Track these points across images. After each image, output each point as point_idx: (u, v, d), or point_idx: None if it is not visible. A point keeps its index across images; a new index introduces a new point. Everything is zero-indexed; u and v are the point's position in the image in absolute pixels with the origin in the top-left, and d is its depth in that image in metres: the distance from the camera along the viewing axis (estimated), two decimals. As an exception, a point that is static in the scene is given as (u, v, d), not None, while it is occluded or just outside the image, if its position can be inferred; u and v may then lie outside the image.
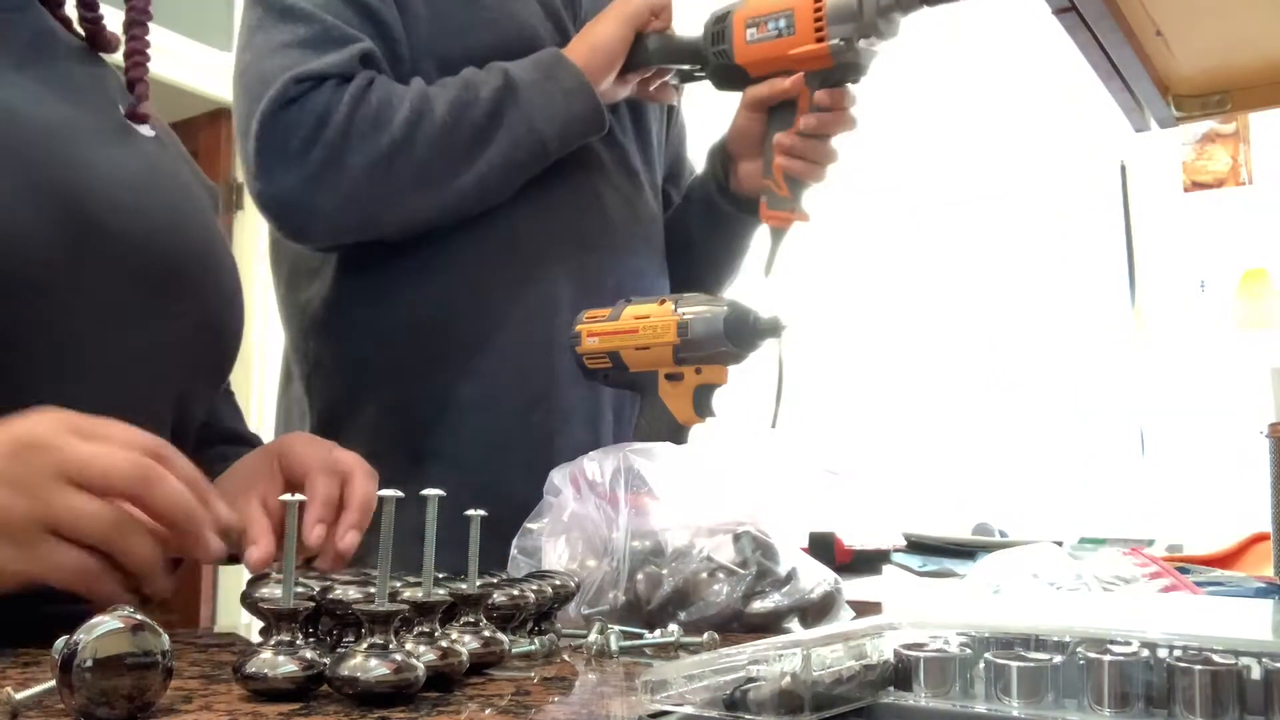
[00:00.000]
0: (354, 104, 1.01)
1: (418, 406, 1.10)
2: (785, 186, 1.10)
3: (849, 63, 1.04)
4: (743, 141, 1.17)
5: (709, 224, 1.25)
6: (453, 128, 1.04)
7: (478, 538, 0.58)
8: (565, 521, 0.79)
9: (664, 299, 1.04)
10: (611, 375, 1.06)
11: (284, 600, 0.50)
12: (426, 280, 1.10)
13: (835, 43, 1.03)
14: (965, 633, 0.46)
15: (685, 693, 0.42)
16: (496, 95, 1.05)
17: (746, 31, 1.08)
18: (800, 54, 1.05)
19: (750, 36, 1.07)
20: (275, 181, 1.01)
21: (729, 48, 1.09)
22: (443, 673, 0.50)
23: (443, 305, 1.10)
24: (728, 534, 0.77)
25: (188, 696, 0.49)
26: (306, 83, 1.00)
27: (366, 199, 1.03)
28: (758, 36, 1.07)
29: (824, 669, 0.42)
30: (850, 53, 1.03)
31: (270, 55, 1.02)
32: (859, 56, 1.04)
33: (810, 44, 1.04)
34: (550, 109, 1.07)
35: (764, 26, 1.06)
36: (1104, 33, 1.03)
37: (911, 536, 1.36)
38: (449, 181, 1.05)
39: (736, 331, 1.00)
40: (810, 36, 1.04)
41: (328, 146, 1.00)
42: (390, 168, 1.02)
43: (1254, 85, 1.19)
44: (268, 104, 1.00)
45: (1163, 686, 0.41)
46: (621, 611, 0.74)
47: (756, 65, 1.09)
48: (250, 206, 4.49)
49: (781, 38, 1.06)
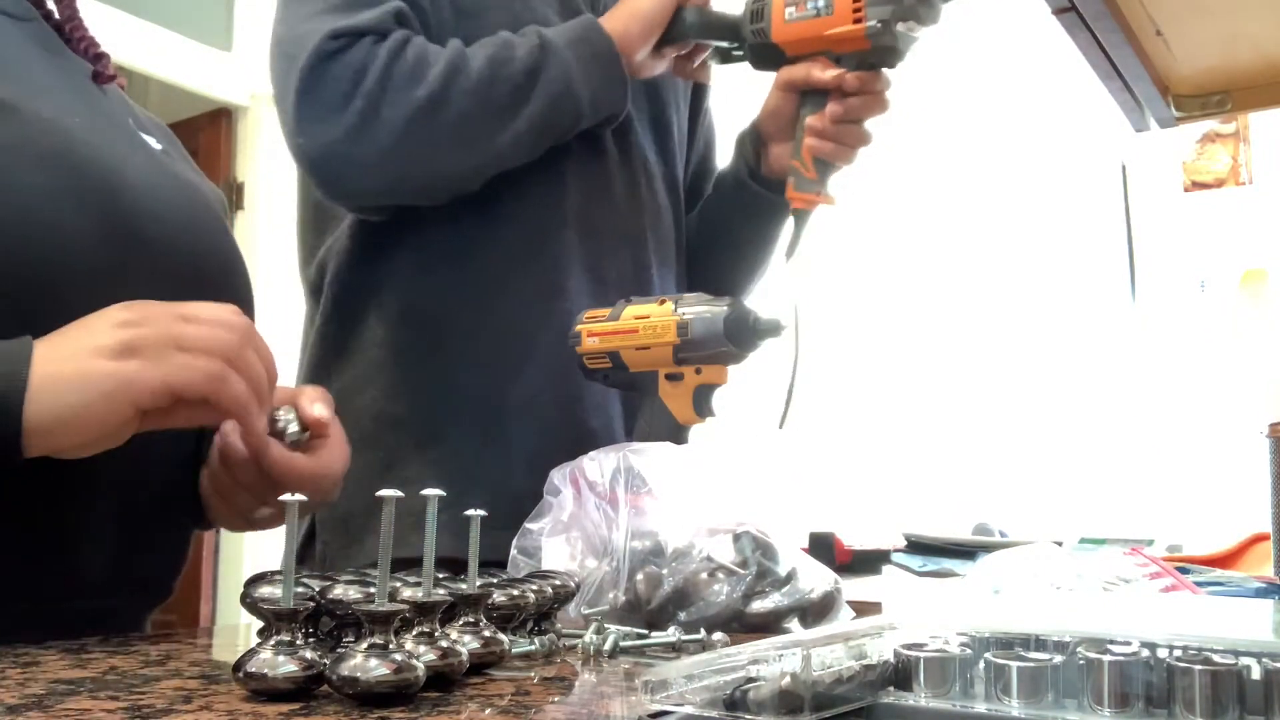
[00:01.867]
0: (391, 58, 1.01)
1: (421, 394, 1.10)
2: (813, 168, 1.09)
3: (885, 46, 1.03)
4: (774, 123, 1.16)
5: (739, 209, 1.24)
6: (490, 83, 1.03)
7: (478, 538, 0.58)
8: (565, 521, 0.79)
9: (664, 299, 1.04)
10: (611, 375, 1.06)
11: (284, 600, 0.50)
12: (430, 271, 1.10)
13: (873, 24, 1.02)
14: (965, 633, 0.46)
15: (685, 693, 0.42)
16: (533, 54, 1.05)
17: (785, 10, 1.07)
18: (837, 34, 1.04)
19: (789, 15, 1.07)
20: (315, 136, 1.01)
21: (767, 25, 1.08)
22: (443, 673, 0.50)
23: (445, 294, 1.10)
24: (728, 534, 0.77)
25: (188, 696, 0.49)
26: (343, 38, 1.01)
27: (405, 153, 1.02)
28: (796, 15, 1.06)
29: (824, 669, 0.42)
30: (887, 35, 1.02)
31: (305, 21, 1.03)
32: (896, 40, 1.03)
33: (848, 25, 1.03)
34: (585, 73, 1.07)
35: (802, 5, 1.05)
36: (1104, 33, 1.03)
37: (911, 536, 1.36)
38: (487, 138, 1.05)
39: (736, 331, 1.00)
40: (848, 17, 1.03)
41: (366, 98, 1.00)
42: (428, 121, 1.02)
43: (1254, 85, 1.19)
44: (306, 61, 1.00)
45: (1163, 686, 0.41)
46: (621, 611, 0.74)
47: (793, 45, 1.08)
48: (250, 206, 4.51)
49: (819, 17, 1.05)
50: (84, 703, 0.47)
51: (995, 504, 3.19)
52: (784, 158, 1.15)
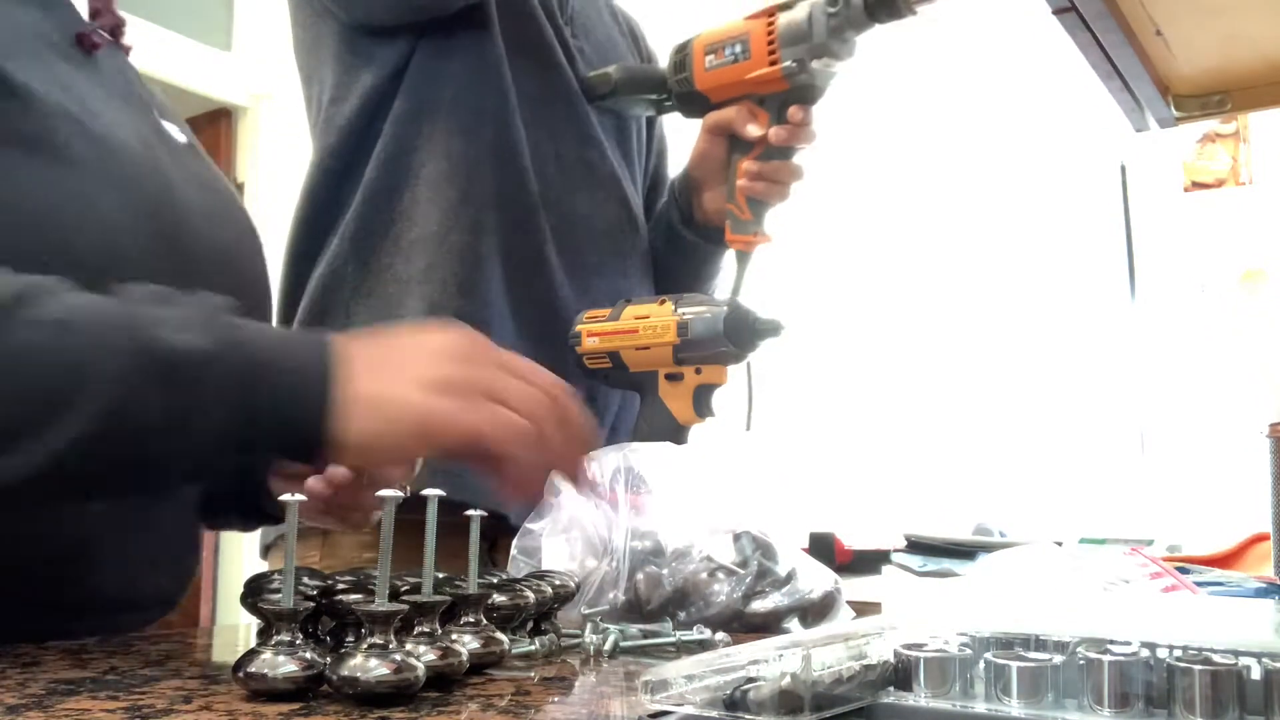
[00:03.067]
0: None
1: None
2: (748, 209, 1.11)
3: (804, 84, 1.05)
4: (705, 167, 1.18)
5: (673, 251, 1.26)
6: None
7: (478, 538, 0.58)
8: (565, 521, 0.79)
9: (664, 299, 1.04)
10: (611, 375, 1.07)
11: (284, 600, 0.50)
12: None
13: (788, 64, 1.04)
14: (965, 633, 0.46)
15: (685, 693, 0.42)
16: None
17: (706, 58, 1.10)
18: (755, 78, 1.07)
19: (709, 63, 1.10)
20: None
21: (690, 75, 1.11)
22: (443, 673, 0.50)
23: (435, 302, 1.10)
24: (728, 534, 0.77)
25: (188, 697, 0.49)
26: None
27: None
28: (716, 63, 1.09)
29: (824, 669, 0.42)
30: (804, 74, 1.04)
31: None
32: (814, 78, 1.05)
33: (764, 67, 1.06)
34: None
35: (721, 52, 1.09)
36: (1104, 33, 1.03)
37: (911, 536, 1.36)
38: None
39: (736, 331, 1.00)
40: (764, 60, 1.06)
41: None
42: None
43: (1254, 85, 1.20)
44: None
45: (1163, 686, 0.41)
46: (621, 611, 0.74)
47: (716, 90, 1.11)
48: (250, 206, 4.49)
49: (738, 62, 1.08)
50: (84, 703, 0.47)
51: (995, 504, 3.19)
52: (717, 201, 1.17)
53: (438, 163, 1.10)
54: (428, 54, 1.11)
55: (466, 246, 1.09)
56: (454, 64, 1.12)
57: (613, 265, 1.19)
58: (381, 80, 1.11)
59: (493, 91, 1.12)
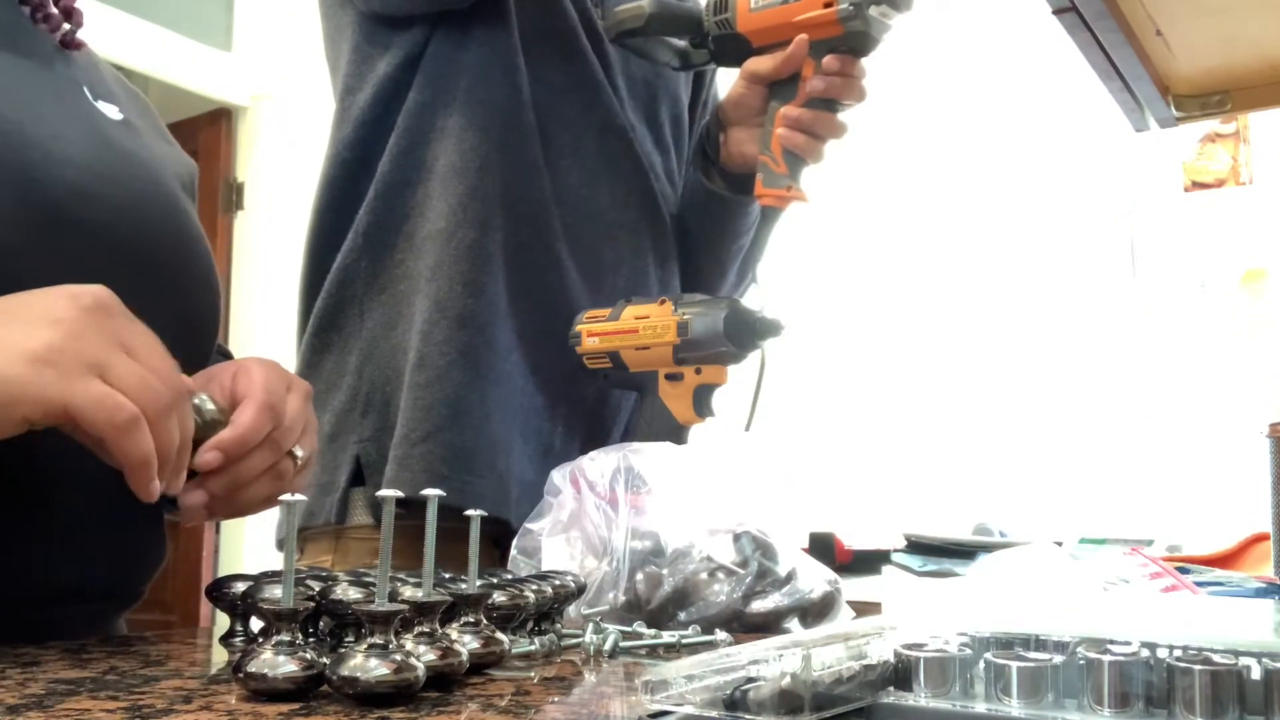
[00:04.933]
0: None
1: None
2: (783, 162, 1.03)
3: (858, 31, 0.98)
4: (737, 111, 1.11)
5: (697, 211, 1.20)
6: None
7: (478, 538, 0.58)
8: (565, 521, 0.79)
9: (664, 299, 1.04)
10: (611, 375, 1.07)
11: (284, 600, 0.50)
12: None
13: (845, 7, 0.97)
14: (965, 633, 0.46)
15: (685, 693, 0.42)
16: None
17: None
18: (807, 19, 0.99)
19: (754, 3, 1.02)
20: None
21: (732, 15, 1.04)
22: (443, 673, 0.50)
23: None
24: (728, 534, 0.77)
25: (188, 697, 0.49)
26: None
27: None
28: (762, 3, 1.01)
29: (824, 669, 0.42)
30: (859, 20, 0.97)
31: None
32: (869, 25, 0.98)
33: (818, 9, 0.99)
34: None
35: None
36: (1104, 33, 1.03)
37: (911, 536, 1.36)
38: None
39: (736, 331, 1.00)
40: (818, 1, 0.99)
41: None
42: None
43: (1254, 85, 1.19)
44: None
45: (1163, 686, 0.41)
46: (621, 611, 0.74)
47: (760, 34, 1.03)
48: (250, 206, 4.49)
49: (787, 4, 1.00)
50: (84, 703, 0.47)
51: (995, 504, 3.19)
52: (745, 143, 1.11)
53: (450, 157, 1.07)
54: (443, 43, 1.09)
55: (474, 243, 1.06)
56: (469, 54, 1.08)
57: (631, 262, 1.15)
58: (396, 69, 1.09)
59: (505, 85, 1.08)
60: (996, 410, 3.72)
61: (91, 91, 0.81)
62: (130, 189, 0.75)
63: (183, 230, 0.79)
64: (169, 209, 0.79)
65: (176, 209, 0.80)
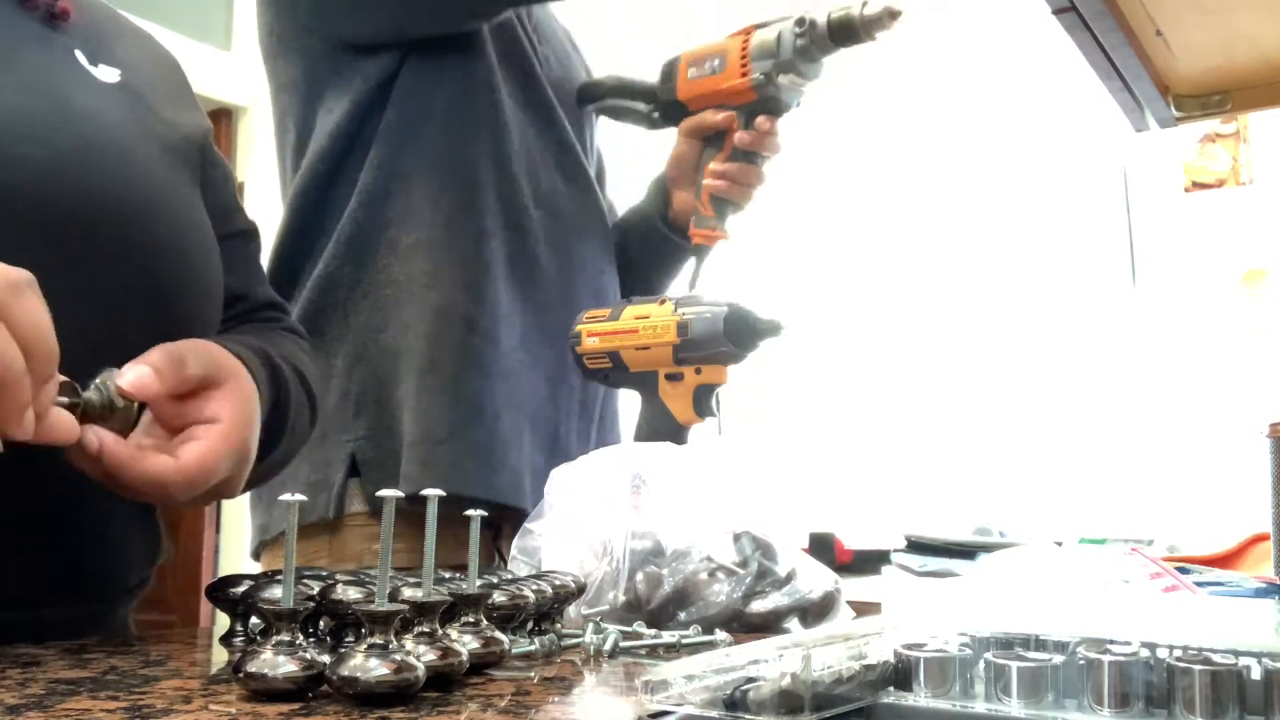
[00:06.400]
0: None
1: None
2: (710, 207, 1.22)
3: (770, 96, 1.17)
4: (679, 168, 1.28)
5: (649, 248, 1.34)
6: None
7: (478, 538, 0.58)
8: (565, 521, 0.79)
9: (664, 299, 1.04)
10: (611, 375, 1.07)
11: (284, 600, 0.50)
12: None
13: (757, 77, 1.16)
14: (965, 633, 0.46)
15: (685, 693, 0.42)
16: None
17: (689, 70, 1.23)
18: (728, 88, 1.19)
19: (691, 74, 1.22)
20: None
21: (674, 85, 1.23)
22: (443, 673, 0.50)
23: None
24: (728, 534, 0.77)
25: (187, 697, 0.49)
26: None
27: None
28: (696, 74, 1.22)
29: (824, 669, 0.42)
30: (771, 87, 1.16)
31: None
32: (780, 91, 1.16)
33: (736, 79, 1.18)
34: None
35: (702, 65, 1.22)
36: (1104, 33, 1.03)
37: (911, 536, 1.36)
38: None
39: (736, 331, 1.00)
40: (737, 73, 1.18)
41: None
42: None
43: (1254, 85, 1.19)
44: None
45: (1163, 686, 0.41)
46: (621, 611, 0.74)
47: (695, 100, 1.23)
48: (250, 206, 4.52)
49: (715, 75, 1.20)
50: (84, 703, 0.47)
51: (995, 504, 3.19)
52: (686, 202, 1.27)
53: (433, 170, 1.14)
54: (417, 65, 1.16)
55: (472, 253, 1.14)
56: (445, 75, 1.16)
57: (594, 262, 1.26)
58: (369, 91, 1.15)
59: (486, 101, 1.17)
60: (996, 410, 3.72)
61: (90, 57, 0.79)
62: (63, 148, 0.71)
63: (135, 191, 0.74)
64: (118, 169, 0.74)
65: (129, 169, 0.75)
